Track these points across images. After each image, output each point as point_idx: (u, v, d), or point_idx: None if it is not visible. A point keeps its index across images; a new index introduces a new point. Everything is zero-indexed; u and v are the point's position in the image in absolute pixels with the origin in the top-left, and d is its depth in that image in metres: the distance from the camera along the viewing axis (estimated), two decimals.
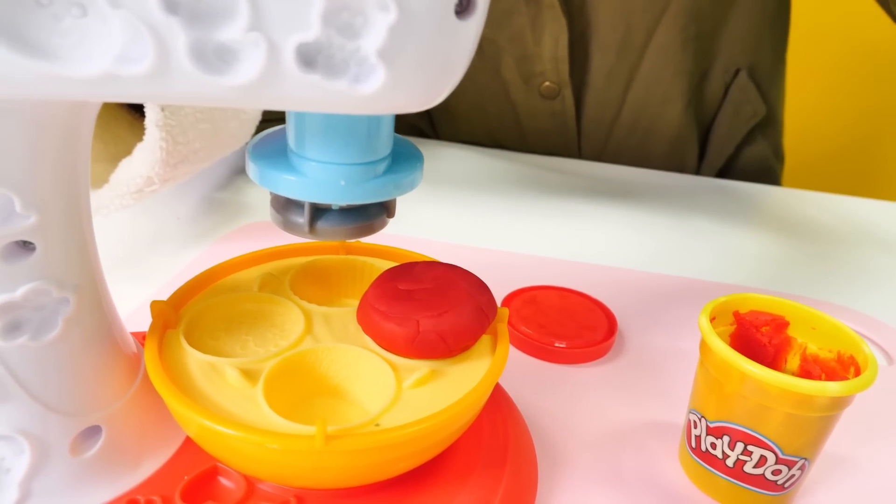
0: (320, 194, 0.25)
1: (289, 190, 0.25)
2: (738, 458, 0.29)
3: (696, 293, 0.48)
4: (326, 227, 0.26)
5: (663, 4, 0.65)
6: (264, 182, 0.25)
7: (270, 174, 0.25)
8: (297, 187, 0.24)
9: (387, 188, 0.25)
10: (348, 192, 0.24)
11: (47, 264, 0.23)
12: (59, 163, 0.22)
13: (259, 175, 0.25)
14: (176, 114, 0.45)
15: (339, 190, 0.24)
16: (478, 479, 0.28)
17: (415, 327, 0.27)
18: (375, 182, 0.25)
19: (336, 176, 0.24)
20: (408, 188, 0.26)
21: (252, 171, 0.25)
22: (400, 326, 0.27)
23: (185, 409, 0.23)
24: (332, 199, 0.25)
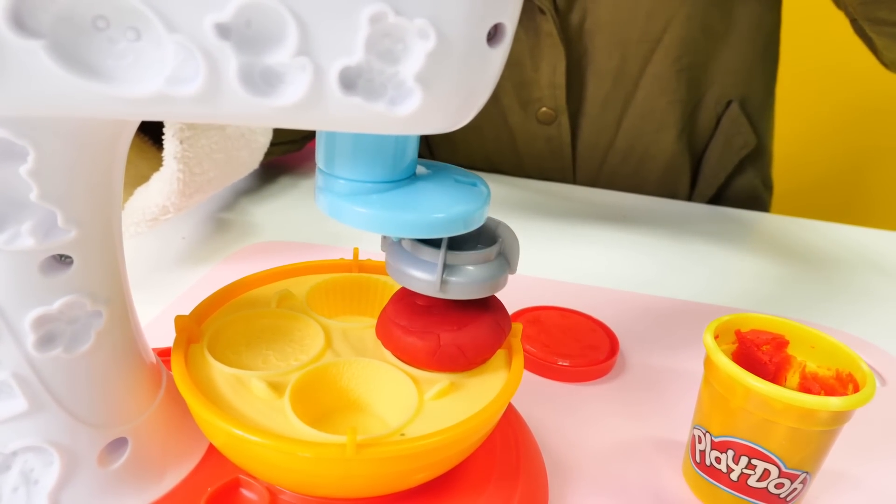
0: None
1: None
2: (742, 472, 0.30)
3: (693, 315, 0.50)
4: (459, 282, 0.27)
5: (658, 35, 0.68)
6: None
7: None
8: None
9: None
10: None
11: (83, 278, 0.24)
12: (98, 179, 0.23)
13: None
14: (193, 146, 0.46)
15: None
16: (493, 491, 0.29)
17: (436, 341, 0.28)
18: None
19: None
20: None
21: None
22: (421, 340, 0.28)
23: (215, 419, 0.24)
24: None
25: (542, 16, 0.66)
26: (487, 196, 0.26)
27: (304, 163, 0.75)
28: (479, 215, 0.26)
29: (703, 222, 0.70)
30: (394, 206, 0.25)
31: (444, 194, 0.26)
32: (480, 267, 0.27)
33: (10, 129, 0.20)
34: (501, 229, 0.29)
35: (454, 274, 0.27)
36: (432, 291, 0.27)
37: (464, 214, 0.25)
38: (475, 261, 0.27)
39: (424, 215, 0.24)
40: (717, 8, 0.68)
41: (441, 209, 0.25)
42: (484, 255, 0.27)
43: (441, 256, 0.26)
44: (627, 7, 0.66)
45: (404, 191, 0.25)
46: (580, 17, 0.67)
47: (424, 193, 0.26)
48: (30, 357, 0.23)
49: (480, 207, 0.26)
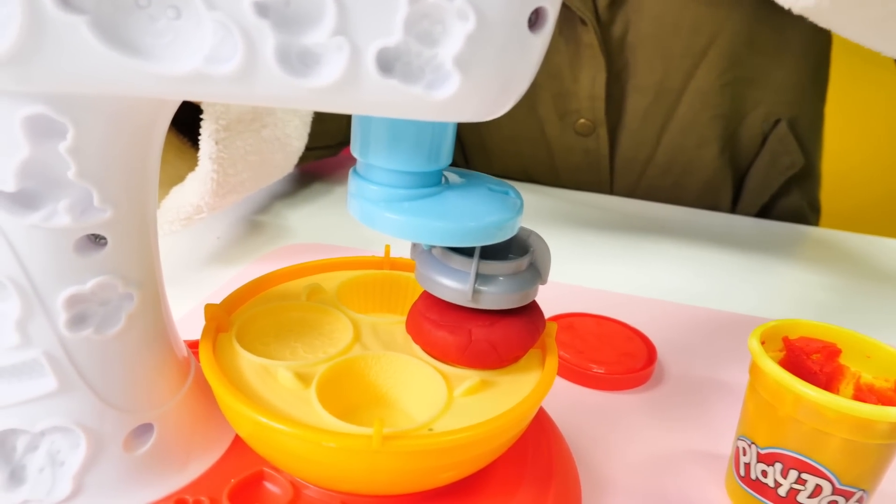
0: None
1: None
2: (791, 487, 0.29)
3: (736, 326, 0.48)
4: (491, 292, 0.26)
5: (702, 49, 0.66)
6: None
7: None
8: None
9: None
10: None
11: (116, 259, 0.24)
12: (135, 161, 0.23)
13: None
14: (228, 147, 0.47)
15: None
16: (523, 497, 0.28)
17: (467, 336, 0.27)
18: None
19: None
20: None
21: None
22: (452, 335, 0.27)
23: (241, 407, 0.24)
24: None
25: (584, 26, 0.65)
26: (520, 205, 0.26)
27: (339, 169, 0.75)
28: (512, 224, 0.25)
29: (746, 234, 0.68)
30: (426, 213, 0.24)
31: (477, 203, 0.25)
32: (512, 277, 0.27)
33: (51, 105, 0.20)
34: (533, 239, 0.28)
35: (486, 283, 0.26)
36: (463, 301, 0.26)
37: (497, 223, 0.25)
38: (507, 271, 0.27)
39: (457, 223, 0.24)
40: (766, 25, 0.66)
41: (474, 218, 0.24)
42: (516, 265, 0.27)
43: (474, 266, 0.26)
44: (671, 21, 0.65)
45: (437, 198, 0.25)
46: (622, 29, 0.66)
47: (457, 201, 0.25)
48: (61, 336, 0.23)
49: (514, 217, 0.25)
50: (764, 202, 0.77)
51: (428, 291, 0.27)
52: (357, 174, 0.26)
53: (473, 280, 0.26)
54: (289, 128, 0.53)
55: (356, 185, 0.26)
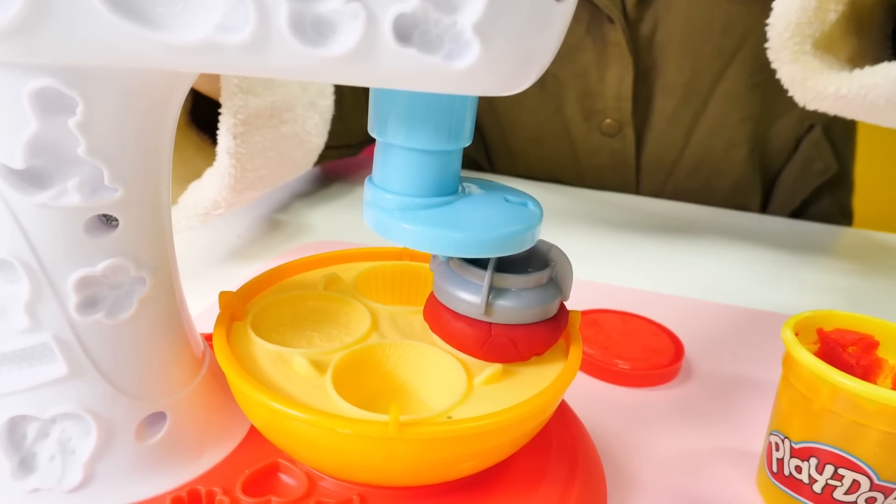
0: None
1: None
2: (826, 483, 0.27)
3: (765, 323, 0.47)
4: (505, 306, 0.25)
5: (733, 50, 0.65)
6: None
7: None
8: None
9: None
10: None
11: (127, 241, 0.23)
12: (147, 139, 0.23)
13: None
14: (246, 142, 0.47)
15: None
16: (546, 492, 0.27)
17: (486, 330, 0.26)
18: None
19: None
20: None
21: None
22: (471, 327, 0.26)
23: (254, 393, 0.23)
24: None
25: (611, 25, 0.64)
26: (539, 216, 0.25)
27: (360, 169, 0.75)
28: (530, 236, 0.25)
29: (776, 234, 0.67)
30: (441, 223, 0.24)
31: (493, 213, 0.25)
32: (529, 291, 0.26)
33: (60, 78, 0.20)
34: (554, 253, 0.27)
35: (501, 297, 0.25)
36: (477, 314, 0.25)
37: (514, 234, 0.24)
38: (524, 284, 0.26)
39: (472, 234, 0.23)
40: None
41: (489, 228, 0.24)
42: (534, 279, 0.26)
43: (487, 278, 0.25)
44: (702, 20, 0.64)
45: (453, 208, 0.25)
46: (651, 28, 0.65)
47: (473, 211, 0.25)
48: (71, 320, 0.23)
49: (532, 227, 0.24)
50: (794, 208, 0.75)
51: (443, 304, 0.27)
52: (373, 183, 0.25)
53: (487, 293, 0.25)
54: (308, 124, 0.53)
55: (371, 194, 0.25)
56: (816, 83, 0.42)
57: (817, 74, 0.43)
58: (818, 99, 0.43)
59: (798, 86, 0.44)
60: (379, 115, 0.23)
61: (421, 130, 0.23)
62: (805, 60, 0.43)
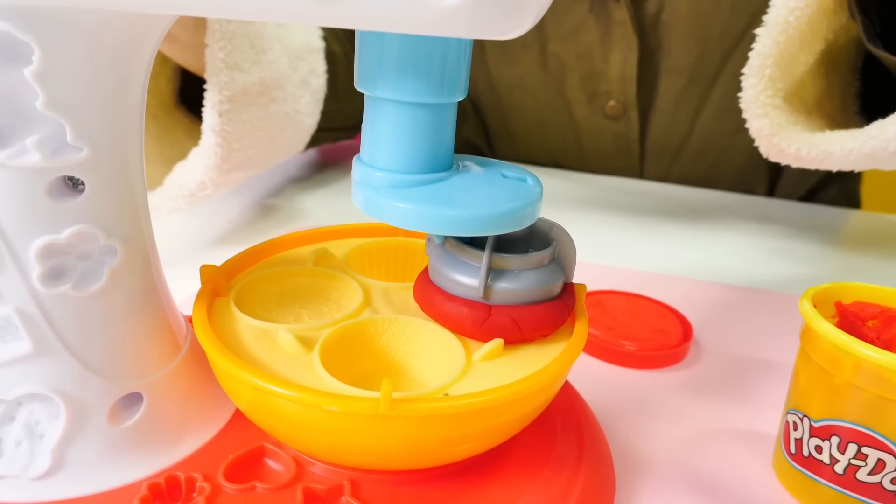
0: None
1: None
2: (849, 463, 0.25)
3: (775, 303, 0.45)
4: (505, 288, 0.24)
5: (741, 31, 0.63)
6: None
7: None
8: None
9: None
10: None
11: (95, 207, 0.22)
12: (114, 94, 0.21)
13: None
14: (233, 120, 0.45)
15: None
16: (550, 476, 0.25)
17: (485, 310, 0.24)
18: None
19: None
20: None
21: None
22: (468, 307, 0.24)
23: (235, 369, 0.21)
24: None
25: (615, 3, 0.62)
26: (539, 193, 0.23)
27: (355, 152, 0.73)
28: (528, 212, 0.23)
29: (784, 217, 0.65)
30: (434, 200, 0.22)
31: (490, 189, 0.23)
32: (530, 272, 0.24)
33: (14, 22, 0.18)
34: (556, 231, 0.25)
35: (501, 279, 0.24)
36: (476, 297, 0.24)
37: (512, 211, 0.22)
38: (524, 265, 0.24)
39: (468, 211, 0.22)
40: None
41: (486, 205, 0.22)
42: (535, 258, 0.24)
43: (485, 259, 0.23)
44: None
45: (446, 184, 0.23)
46: (657, 6, 0.63)
47: (469, 188, 0.23)
48: (35, 292, 0.21)
49: (530, 204, 0.23)
50: (801, 195, 0.73)
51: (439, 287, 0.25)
52: (361, 161, 0.23)
53: (485, 275, 0.23)
54: (299, 103, 0.51)
55: (360, 172, 0.23)
56: (780, 140, 0.44)
57: (783, 130, 0.44)
58: (780, 155, 0.45)
59: (764, 140, 0.45)
60: (366, 63, 0.22)
61: (411, 79, 0.21)
62: (774, 115, 0.45)
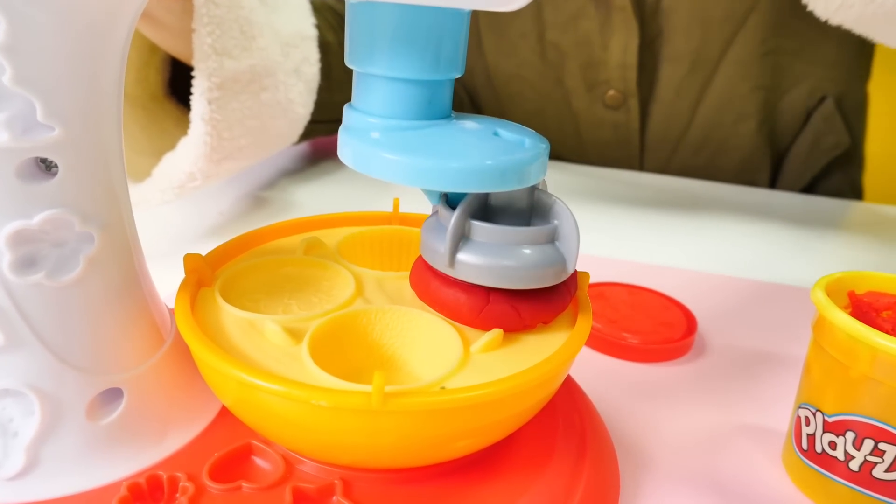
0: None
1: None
2: (865, 460, 0.24)
3: (781, 296, 0.44)
4: (474, 264, 0.21)
5: (744, 15, 0.61)
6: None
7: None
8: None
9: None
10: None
11: (70, 191, 0.20)
12: (88, 69, 0.20)
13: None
14: (223, 108, 0.44)
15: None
16: (553, 474, 0.24)
17: (483, 296, 0.23)
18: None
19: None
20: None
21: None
22: (465, 293, 0.23)
23: (218, 362, 0.20)
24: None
25: None
26: (535, 155, 0.21)
27: None
28: (533, 169, 0.21)
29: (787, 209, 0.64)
30: (427, 151, 0.20)
31: (488, 142, 0.21)
32: (517, 249, 0.21)
33: None
34: (558, 209, 0.22)
35: (469, 250, 0.21)
36: (442, 266, 0.22)
37: (512, 164, 0.20)
38: (503, 238, 0.21)
39: (441, 162, 0.20)
40: None
41: (473, 156, 0.20)
42: (523, 234, 0.21)
43: (454, 221, 0.21)
44: None
45: (441, 132, 0.21)
46: None
47: (467, 139, 0.21)
48: (6, 281, 0.20)
49: (524, 161, 0.21)
50: (804, 185, 0.72)
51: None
52: (352, 107, 0.22)
53: (452, 242, 0.21)
54: (292, 92, 0.50)
55: (350, 117, 0.22)
56: None
57: None
58: (843, 9, 0.40)
59: None
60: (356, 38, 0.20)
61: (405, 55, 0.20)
62: None
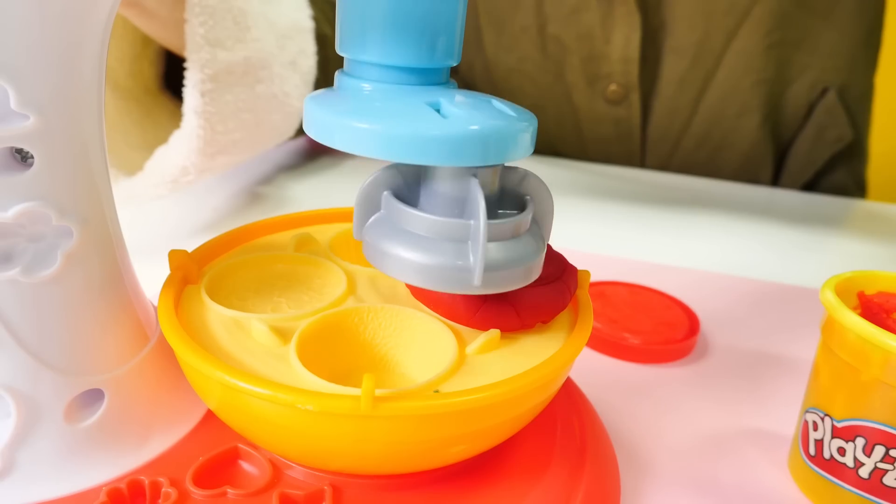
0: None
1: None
2: (876, 467, 0.23)
3: (785, 296, 0.43)
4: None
5: (747, 6, 0.60)
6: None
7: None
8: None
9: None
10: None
11: (46, 183, 0.19)
12: (65, 58, 0.19)
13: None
14: (216, 101, 0.43)
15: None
16: (552, 480, 0.23)
17: (480, 295, 0.22)
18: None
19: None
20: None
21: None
22: None
23: (200, 363, 0.19)
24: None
25: None
26: (525, 127, 0.20)
27: None
28: (523, 140, 0.19)
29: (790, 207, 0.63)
30: (398, 118, 0.18)
31: (477, 110, 0.19)
32: (507, 244, 0.20)
33: None
34: (531, 183, 0.21)
35: (498, 255, 0.19)
36: (466, 287, 0.19)
37: (503, 132, 0.18)
38: (503, 234, 0.20)
39: (447, 128, 0.18)
40: None
41: (470, 121, 0.18)
42: (511, 225, 0.20)
43: (483, 222, 0.18)
44: None
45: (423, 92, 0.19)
46: None
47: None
48: None
49: (524, 129, 0.19)
50: (807, 179, 0.71)
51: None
52: (343, 72, 0.21)
53: (482, 251, 0.18)
54: (287, 85, 0.49)
55: (339, 80, 0.21)
56: None
57: None
58: None
59: None
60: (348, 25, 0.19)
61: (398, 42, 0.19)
62: None
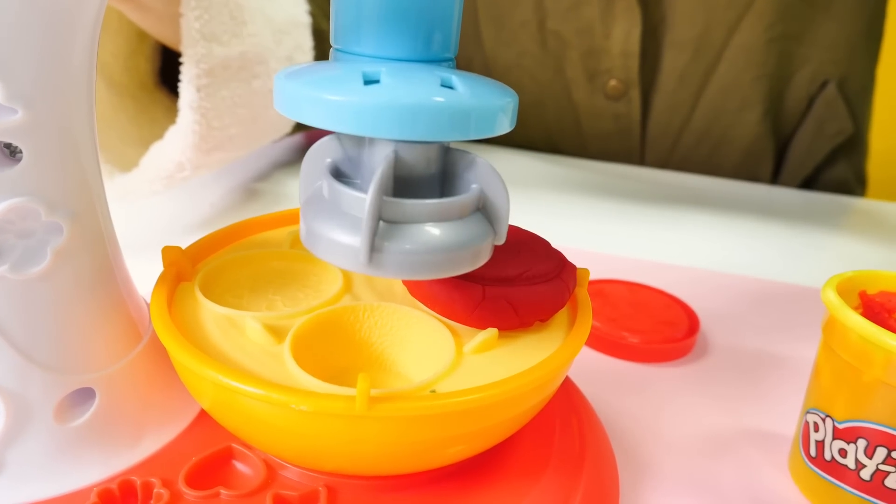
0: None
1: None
2: (877, 469, 0.23)
3: (785, 295, 0.42)
4: (398, 252, 0.17)
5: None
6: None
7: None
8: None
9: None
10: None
11: (35, 178, 0.19)
12: (54, 51, 0.18)
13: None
14: (212, 96, 0.42)
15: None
16: (550, 481, 0.23)
17: (478, 292, 0.22)
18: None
19: None
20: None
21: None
22: (459, 289, 0.22)
23: (192, 362, 0.19)
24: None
25: None
26: (515, 96, 0.18)
27: None
28: (504, 115, 0.18)
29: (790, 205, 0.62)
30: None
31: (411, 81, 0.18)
32: (442, 226, 0.18)
33: None
34: (479, 169, 0.19)
35: (394, 237, 0.17)
36: (355, 264, 0.17)
37: (426, 104, 0.16)
38: (435, 214, 0.18)
39: (365, 96, 0.16)
40: None
41: (396, 90, 0.17)
42: (450, 206, 0.18)
43: (371, 198, 0.17)
44: None
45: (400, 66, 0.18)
46: None
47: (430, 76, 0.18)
48: None
49: (507, 104, 0.18)
50: (807, 173, 0.71)
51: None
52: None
53: (370, 232, 0.17)
54: None
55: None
56: None
57: None
58: None
59: None
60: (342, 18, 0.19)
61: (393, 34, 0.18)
62: None
